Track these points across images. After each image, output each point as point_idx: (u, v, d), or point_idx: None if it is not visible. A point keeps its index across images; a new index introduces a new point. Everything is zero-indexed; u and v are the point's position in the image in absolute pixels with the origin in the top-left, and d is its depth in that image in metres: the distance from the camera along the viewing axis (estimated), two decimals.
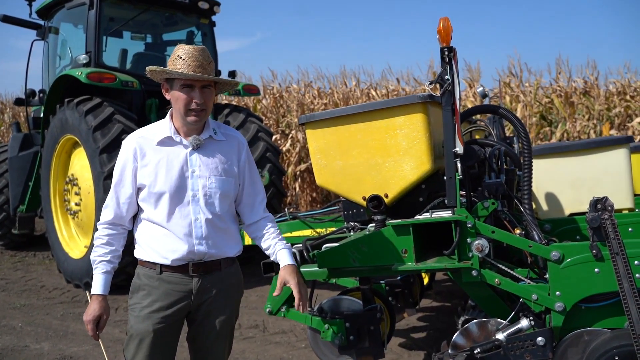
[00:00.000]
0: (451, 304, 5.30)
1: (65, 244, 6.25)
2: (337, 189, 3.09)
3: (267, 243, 2.38)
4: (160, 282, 2.23)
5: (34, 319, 5.09)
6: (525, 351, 2.59)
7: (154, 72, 2.20)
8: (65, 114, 5.86)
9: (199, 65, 2.15)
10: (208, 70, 2.18)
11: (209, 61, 2.20)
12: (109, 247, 2.26)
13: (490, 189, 2.76)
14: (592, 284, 2.47)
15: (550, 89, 10.42)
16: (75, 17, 6.66)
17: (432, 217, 2.67)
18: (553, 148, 3.40)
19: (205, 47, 2.24)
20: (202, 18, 7.06)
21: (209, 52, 2.23)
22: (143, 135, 2.26)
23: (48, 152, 6.33)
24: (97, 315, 2.23)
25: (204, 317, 2.30)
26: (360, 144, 2.92)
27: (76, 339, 4.56)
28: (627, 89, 10.28)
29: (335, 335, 3.04)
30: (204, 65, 2.16)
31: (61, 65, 6.90)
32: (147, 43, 7.19)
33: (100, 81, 5.73)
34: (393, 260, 2.72)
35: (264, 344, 4.39)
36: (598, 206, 2.44)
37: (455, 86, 2.54)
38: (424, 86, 10.68)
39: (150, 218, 2.24)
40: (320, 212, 5.12)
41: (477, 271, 2.63)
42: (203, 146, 2.25)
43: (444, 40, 2.54)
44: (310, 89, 12.18)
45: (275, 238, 2.37)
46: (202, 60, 2.16)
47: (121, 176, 2.25)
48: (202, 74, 2.15)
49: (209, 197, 2.23)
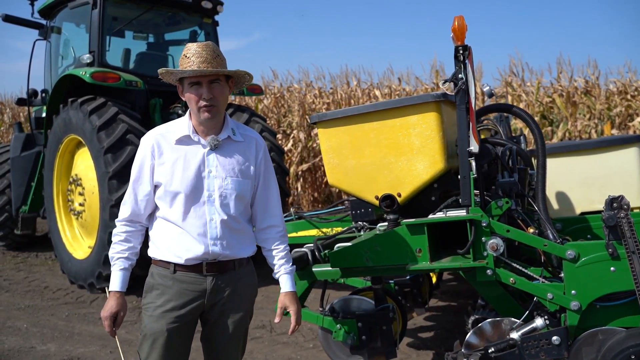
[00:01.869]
0: (457, 303, 5.30)
1: (69, 245, 6.22)
2: (349, 188, 3.08)
3: (273, 260, 2.38)
4: (174, 282, 2.23)
5: (39, 320, 5.07)
6: (540, 350, 2.59)
7: (164, 74, 2.20)
8: (69, 114, 5.83)
9: (203, 61, 2.13)
10: (213, 64, 2.15)
11: (215, 55, 2.16)
12: (127, 244, 2.26)
13: (505, 188, 2.76)
14: (607, 283, 2.46)
15: (551, 88, 10.43)
16: (78, 17, 6.63)
17: (446, 216, 2.66)
18: (564, 147, 3.40)
19: (211, 42, 2.22)
20: (205, 17, 7.03)
21: (215, 47, 2.20)
22: (162, 133, 2.25)
23: (51, 152, 6.30)
24: (114, 311, 2.23)
25: (217, 317, 2.30)
26: (373, 143, 2.91)
27: (82, 339, 4.54)
28: (628, 88, 10.30)
29: (348, 335, 3.03)
30: (208, 60, 2.14)
31: (64, 65, 6.87)
32: (150, 43, 7.17)
33: (105, 81, 5.70)
34: (407, 260, 2.71)
35: (271, 344, 4.38)
36: (614, 205, 2.44)
37: (470, 85, 2.53)
38: (426, 85, 10.68)
39: (166, 216, 2.23)
40: (325, 212, 5.12)
41: (492, 270, 2.63)
42: (221, 146, 2.24)
43: (458, 39, 2.53)
44: (312, 88, 12.16)
45: (281, 259, 2.37)
46: (206, 55, 2.14)
47: (139, 173, 2.24)
48: (208, 68, 2.13)
49: (225, 198, 2.22)
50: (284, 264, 2.37)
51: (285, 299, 2.35)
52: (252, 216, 2.39)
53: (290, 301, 2.34)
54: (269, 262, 2.41)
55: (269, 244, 2.39)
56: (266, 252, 2.41)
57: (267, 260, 2.42)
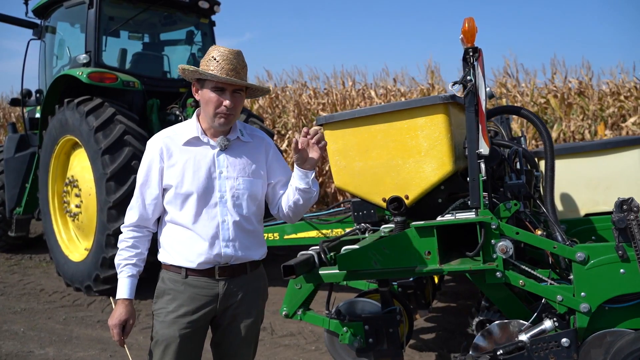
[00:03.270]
0: (457, 304, 5.31)
1: (65, 247, 6.15)
2: (356, 191, 3.07)
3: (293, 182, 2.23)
4: (185, 287, 2.20)
5: (36, 324, 5.01)
6: (549, 352, 2.58)
7: (187, 71, 2.16)
8: (65, 115, 5.76)
9: (233, 69, 2.11)
10: (241, 74, 2.14)
11: (243, 65, 2.16)
12: (135, 250, 2.22)
13: (513, 190, 2.76)
14: (617, 285, 2.47)
15: (545, 89, 10.48)
16: (74, 16, 6.56)
17: (456, 219, 2.66)
18: (568, 149, 3.40)
19: (240, 50, 2.18)
20: (202, 17, 6.99)
21: (243, 56, 2.18)
22: (169, 135, 2.22)
23: (46, 153, 6.23)
24: (123, 319, 2.19)
25: (229, 322, 2.27)
26: (380, 144, 2.90)
27: (81, 343, 4.49)
28: (621, 89, 10.38)
29: (354, 338, 3.01)
30: (237, 69, 2.12)
31: (59, 65, 6.79)
32: (146, 43, 7.11)
33: (102, 81, 5.64)
34: (416, 262, 2.70)
35: (273, 346, 4.35)
36: (624, 207, 2.44)
37: (480, 87, 2.53)
38: (421, 86, 10.70)
39: (176, 220, 2.20)
40: (325, 213, 5.11)
41: (501, 272, 2.62)
42: (230, 147, 2.22)
43: (468, 41, 2.53)
44: (307, 89, 12.14)
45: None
46: (236, 64, 2.12)
47: (147, 176, 2.20)
48: (235, 78, 2.11)
49: (237, 198, 2.20)
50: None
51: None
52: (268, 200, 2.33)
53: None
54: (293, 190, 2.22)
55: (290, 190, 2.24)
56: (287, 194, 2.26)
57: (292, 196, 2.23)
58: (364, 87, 11.71)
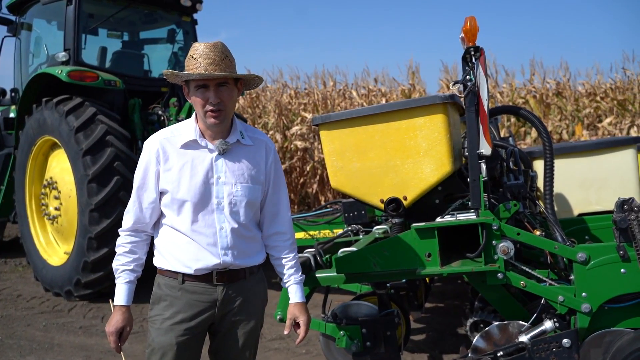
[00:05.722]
0: (445, 304, 5.31)
1: (43, 251, 5.96)
2: (353, 192, 3.01)
3: (282, 270, 2.29)
4: (182, 292, 2.12)
5: (15, 332, 4.82)
6: (550, 353, 2.58)
7: (169, 76, 2.09)
8: (44, 115, 5.58)
9: (211, 63, 2.01)
10: (222, 66, 2.03)
11: (223, 57, 2.04)
12: (132, 255, 2.14)
13: (513, 191, 2.74)
14: (618, 285, 2.47)
15: (524, 89, 10.62)
16: (51, 13, 6.36)
17: (457, 220, 2.63)
18: (561, 148, 3.42)
19: (221, 42, 2.08)
20: (184, 16, 6.85)
21: (224, 47, 2.08)
22: (167, 137, 2.13)
23: (23, 154, 6.02)
24: (120, 326, 2.11)
25: (229, 329, 2.20)
26: (378, 145, 2.85)
27: (64, 351, 4.34)
28: (597, 90, 10.58)
29: (351, 342, 2.97)
30: (216, 62, 2.01)
31: (35, 63, 6.59)
32: (126, 41, 6.94)
33: (82, 80, 5.47)
34: (417, 265, 2.67)
35: (263, 350, 4.27)
36: (625, 207, 2.44)
37: (482, 86, 2.50)
38: (403, 86, 10.72)
39: (173, 225, 2.12)
40: (313, 215, 5.05)
41: (502, 274, 2.60)
42: (229, 151, 2.14)
43: (469, 40, 2.50)
44: (287, 88, 12.06)
45: (291, 268, 2.28)
46: (214, 57, 2.02)
47: (144, 180, 2.12)
48: (215, 71, 2.01)
49: (234, 205, 2.12)
50: (294, 273, 2.28)
51: (295, 309, 2.26)
52: (260, 222, 2.30)
53: (300, 312, 2.26)
54: (278, 270, 2.33)
55: (278, 252, 2.30)
56: (274, 260, 2.32)
57: (276, 268, 2.33)
58: (345, 87, 11.69)
